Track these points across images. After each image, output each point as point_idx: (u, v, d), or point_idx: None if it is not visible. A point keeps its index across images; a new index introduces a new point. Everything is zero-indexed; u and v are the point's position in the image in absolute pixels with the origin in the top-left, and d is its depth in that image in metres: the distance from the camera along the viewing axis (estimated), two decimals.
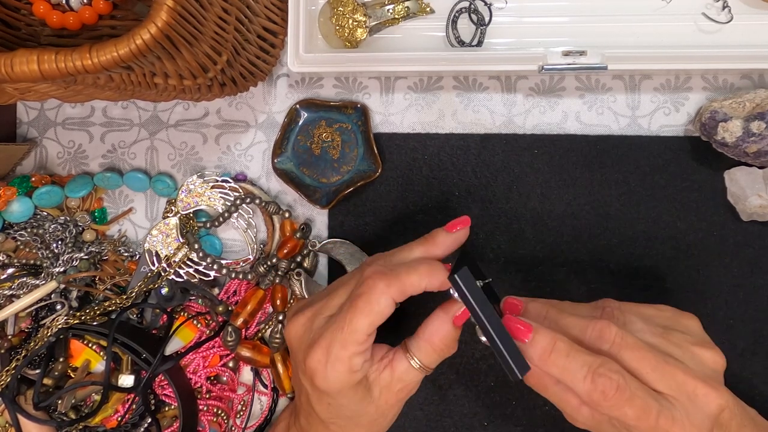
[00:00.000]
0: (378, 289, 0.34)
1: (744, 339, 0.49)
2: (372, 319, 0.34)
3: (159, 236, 0.51)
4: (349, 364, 0.34)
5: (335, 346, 0.34)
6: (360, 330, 0.34)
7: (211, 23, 0.40)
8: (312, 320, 0.37)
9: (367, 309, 0.34)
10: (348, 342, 0.34)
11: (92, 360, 0.50)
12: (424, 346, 0.36)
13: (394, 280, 0.34)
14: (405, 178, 0.52)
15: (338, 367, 0.34)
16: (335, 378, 0.34)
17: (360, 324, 0.34)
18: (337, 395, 0.35)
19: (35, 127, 0.56)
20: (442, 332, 0.36)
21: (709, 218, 0.49)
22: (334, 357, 0.34)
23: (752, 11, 0.48)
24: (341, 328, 0.34)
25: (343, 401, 0.36)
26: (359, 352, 0.34)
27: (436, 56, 0.48)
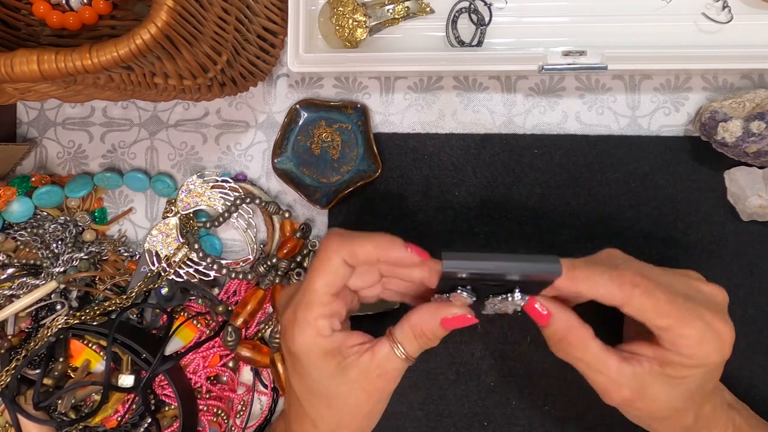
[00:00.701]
0: (331, 249, 0.35)
1: (744, 339, 0.49)
2: (327, 279, 0.35)
3: (159, 236, 0.51)
4: (316, 326, 0.35)
5: (300, 307, 0.35)
6: (318, 289, 0.35)
7: (211, 23, 0.40)
8: (294, 287, 0.38)
9: (321, 268, 0.35)
10: (311, 303, 0.35)
11: (92, 360, 0.50)
12: (407, 332, 0.36)
13: (348, 242, 0.35)
14: (405, 178, 0.52)
15: (304, 326, 0.35)
16: (302, 339, 0.35)
17: (317, 283, 0.35)
18: (306, 361, 0.35)
19: (35, 127, 0.56)
20: (430, 324, 0.36)
21: (709, 218, 0.49)
22: (301, 318, 0.35)
23: (752, 11, 0.48)
24: (304, 290, 0.35)
25: (312, 370, 0.36)
26: (324, 315, 0.35)
27: (436, 56, 0.48)
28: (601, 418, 0.50)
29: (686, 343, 0.33)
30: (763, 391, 0.48)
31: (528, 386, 0.50)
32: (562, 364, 0.50)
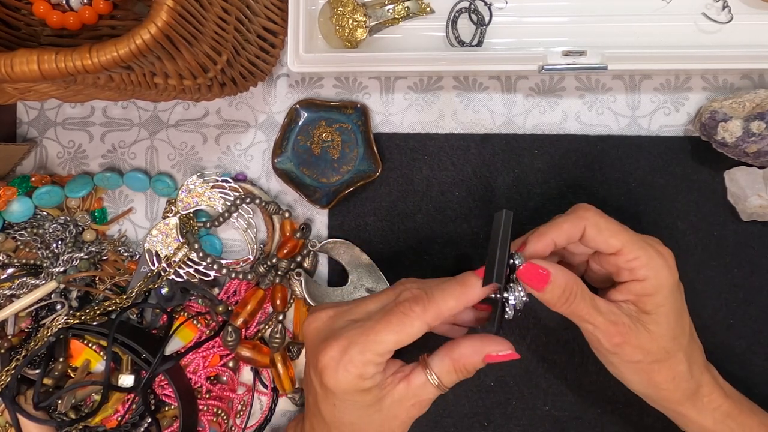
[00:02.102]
0: (415, 313, 0.34)
1: (744, 339, 0.49)
2: (401, 338, 0.34)
3: (159, 236, 0.51)
4: (362, 370, 0.34)
5: (354, 348, 0.34)
6: (385, 342, 0.34)
7: (211, 23, 0.40)
8: (334, 319, 0.37)
9: (398, 327, 0.34)
10: (368, 349, 0.34)
11: (92, 360, 0.50)
12: (448, 365, 0.36)
13: (432, 303, 0.35)
14: (405, 178, 0.52)
15: (350, 368, 0.34)
16: (344, 379, 0.34)
17: (387, 338, 0.34)
18: (343, 396, 0.35)
19: (35, 127, 0.56)
20: (472, 360, 0.36)
21: (709, 218, 0.49)
22: (349, 358, 0.34)
23: (752, 11, 0.48)
24: (365, 334, 0.34)
25: (348, 404, 0.36)
26: (375, 363, 0.35)
27: (436, 56, 0.48)
28: (600, 418, 0.50)
29: (638, 263, 0.37)
30: (763, 391, 0.48)
31: (528, 386, 0.50)
32: (562, 364, 0.50)
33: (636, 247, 0.37)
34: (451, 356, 0.36)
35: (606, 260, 0.39)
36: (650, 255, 0.37)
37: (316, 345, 0.36)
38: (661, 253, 0.38)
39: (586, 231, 0.38)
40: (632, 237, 0.38)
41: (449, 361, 0.36)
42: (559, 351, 0.50)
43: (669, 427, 0.43)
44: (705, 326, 0.49)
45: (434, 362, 0.37)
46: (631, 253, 0.37)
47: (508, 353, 0.36)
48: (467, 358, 0.36)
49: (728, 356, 0.45)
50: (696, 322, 0.43)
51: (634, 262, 0.37)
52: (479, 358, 0.36)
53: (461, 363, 0.36)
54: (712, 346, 0.43)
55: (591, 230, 0.38)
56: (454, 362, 0.36)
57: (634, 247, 0.37)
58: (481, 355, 0.36)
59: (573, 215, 0.38)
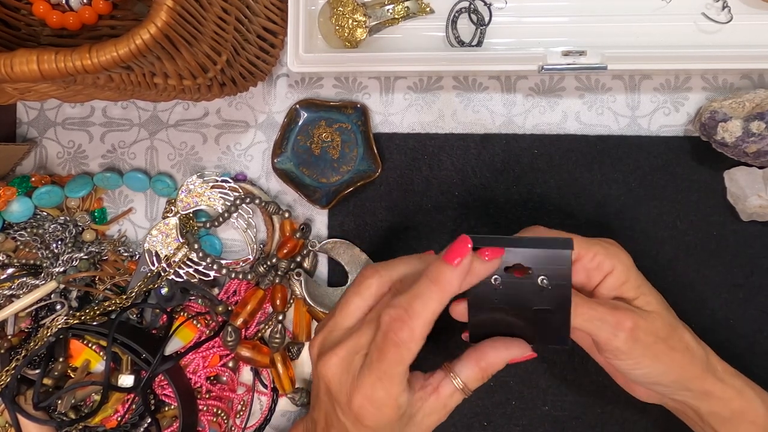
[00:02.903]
0: (403, 341, 0.34)
1: (744, 339, 0.49)
2: (405, 365, 0.35)
3: (159, 236, 0.51)
4: (396, 402, 0.35)
5: (378, 392, 0.34)
6: (397, 375, 0.34)
7: (211, 23, 0.40)
8: (347, 360, 0.36)
9: (398, 359, 0.34)
10: (389, 387, 0.34)
11: (92, 360, 0.50)
12: (474, 372, 0.37)
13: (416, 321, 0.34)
14: (405, 178, 0.52)
15: (385, 408, 0.35)
16: (384, 416, 0.35)
17: (395, 371, 0.34)
18: (384, 429, 0.36)
19: (35, 127, 0.56)
20: (497, 365, 0.37)
21: (709, 218, 0.49)
22: (379, 399, 0.35)
23: (752, 11, 0.48)
24: (380, 378, 0.34)
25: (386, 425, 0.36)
26: (402, 390, 0.35)
27: (436, 56, 0.48)
28: (600, 418, 0.50)
29: (600, 257, 0.39)
30: None
31: (528, 386, 0.50)
32: (561, 364, 0.50)
33: (590, 245, 0.39)
34: (479, 365, 0.37)
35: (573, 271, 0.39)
36: (604, 246, 0.39)
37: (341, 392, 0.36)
38: (607, 241, 0.40)
39: None
40: (581, 239, 0.39)
41: (478, 369, 0.37)
42: (559, 351, 0.50)
43: (669, 427, 0.43)
44: (705, 326, 0.49)
45: (461, 371, 0.37)
46: (589, 251, 0.39)
47: (530, 354, 0.38)
48: (495, 365, 0.37)
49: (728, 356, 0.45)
50: (696, 322, 0.43)
51: (596, 258, 0.39)
52: (504, 361, 0.37)
53: (488, 369, 0.37)
54: (712, 346, 0.43)
55: None
56: (482, 370, 0.37)
57: (588, 245, 0.39)
58: (506, 360, 0.37)
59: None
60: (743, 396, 0.40)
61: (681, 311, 0.42)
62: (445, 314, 0.41)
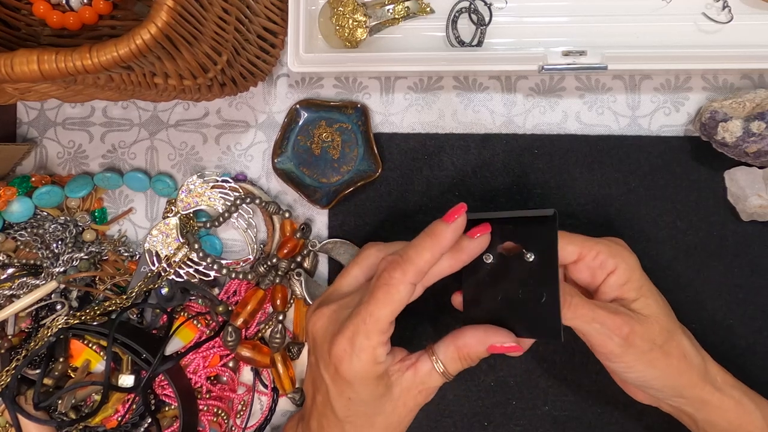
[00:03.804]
0: (396, 279, 0.35)
1: (744, 339, 0.49)
2: (393, 308, 0.35)
3: (159, 236, 0.51)
4: (374, 354, 0.35)
5: (359, 336, 0.35)
6: (382, 319, 0.35)
7: (211, 23, 0.40)
8: (337, 312, 0.38)
9: (387, 299, 0.35)
10: (371, 332, 0.35)
11: (92, 360, 0.50)
12: (453, 353, 0.37)
13: (407, 261, 0.35)
14: (405, 178, 0.52)
15: (363, 356, 0.35)
16: (360, 367, 0.35)
17: (381, 313, 0.35)
18: (359, 386, 0.36)
19: (35, 127, 0.56)
20: (475, 349, 0.37)
21: (709, 218, 0.49)
22: (359, 347, 0.35)
23: (752, 11, 0.48)
24: (362, 317, 0.35)
25: (364, 394, 0.36)
26: (382, 342, 0.36)
27: (436, 56, 0.48)
28: (600, 418, 0.50)
29: (604, 256, 0.39)
30: (762, 392, 0.48)
31: (528, 386, 0.50)
32: (561, 364, 0.50)
33: (593, 244, 0.39)
34: (455, 344, 0.37)
35: (576, 270, 0.40)
36: (607, 245, 0.39)
37: (324, 341, 0.37)
38: (613, 240, 0.40)
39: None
40: (585, 238, 0.39)
41: (454, 348, 0.37)
42: (559, 351, 0.50)
43: (669, 428, 0.43)
44: (705, 326, 0.49)
45: (440, 350, 0.37)
46: (592, 250, 0.39)
47: (511, 345, 0.37)
48: (471, 347, 0.37)
49: (728, 356, 0.45)
50: (696, 322, 0.43)
51: (599, 257, 0.39)
52: (483, 348, 0.37)
53: (465, 351, 0.37)
54: (712, 346, 0.43)
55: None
56: (459, 350, 0.37)
57: (591, 244, 0.39)
58: (485, 345, 0.37)
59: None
60: (742, 407, 0.40)
61: (681, 311, 0.42)
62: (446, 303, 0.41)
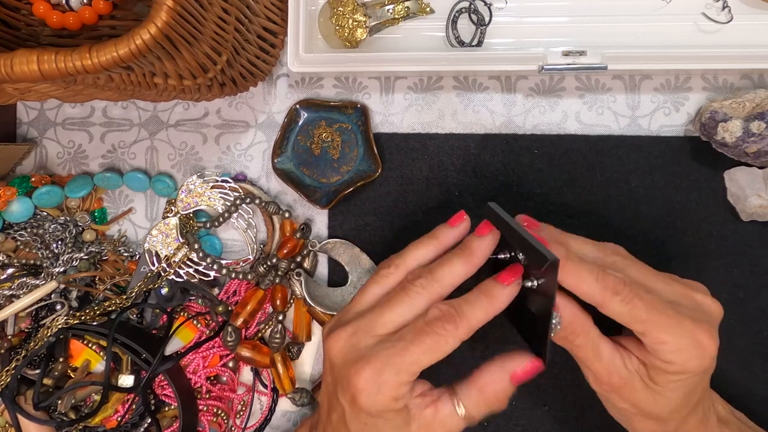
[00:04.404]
0: (448, 332, 0.33)
1: (744, 339, 0.49)
2: (435, 357, 0.33)
3: (159, 236, 0.51)
4: (397, 392, 0.33)
5: (388, 370, 0.33)
6: (420, 363, 0.33)
7: (211, 23, 0.40)
8: (357, 336, 0.36)
9: (434, 347, 0.33)
10: (403, 370, 0.33)
11: (92, 360, 0.50)
12: (475, 396, 0.35)
13: (462, 321, 0.34)
14: (405, 178, 0.52)
15: (385, 391, 0.33)
16: (380, 401, 0.34)
17: (423, 359, 0.33)
18: (376, 416, 0.34)
19: (35, 127, 0.56)
20: (498, 386, 0.35)
21: (709, 218, 0.49)
22: (384, 380, 0.33)
23: (752, 11, 0.48)
24: (400, 355, 0.33)
25: (380, 424, 0.35)
26: (408, 382, 0.34)
27: (436, 56, 0.48)
28: (600, 418, 0.50)
29: (665, 348, 0.33)
30: (762, 392, 0.48)
31: (528, 386, 0.50)
32: (562, 365, 0.50)
33: (665, 333, 0.33)
34: (476, 386, 0.35)
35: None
36: (680, 342, 0.33)
37: (345, 367, 0.35)
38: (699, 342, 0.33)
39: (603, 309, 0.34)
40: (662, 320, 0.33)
41: (476, 392, 0.35)
42: (559, 351, 0.50)
43: None
44: None
45: (462, 392, 0.35)
46: (658, 338, 0.33)
47: (532, 364, 0.35)
48: (493, 385, 0.35)
49: (728, 356, 0.45)
50: None
51: (660, 346, 0.33)
52: (505, 381, 0.35)
53: (488, 392, 0.35)
54: None
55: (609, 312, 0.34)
56: (481, 392, 0.35)
57: (661, 333, 0.33)
58: (506, 377, 0.35)
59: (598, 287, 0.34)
60: None
61: None
62: None
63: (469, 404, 0.35)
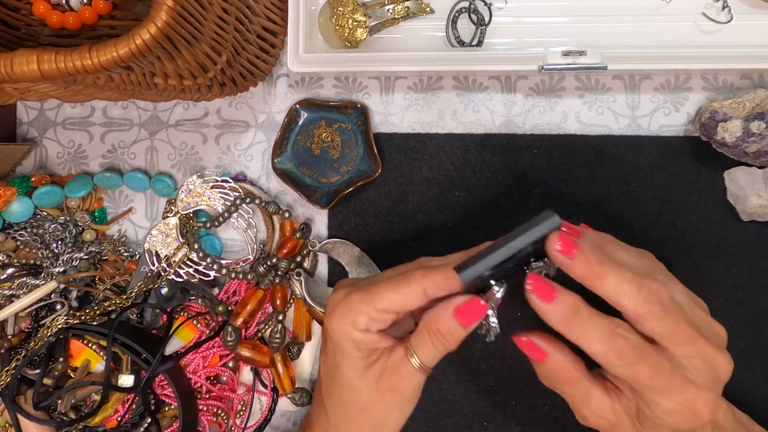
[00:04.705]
0: (415, 278, 0.34)
1: (744, 339, 0.49)
2: (397, 297, 0.34)
3: (159, 236, 0.51)
4: (355, 317, 0.35)
5: (355, 295, 0.36)
6: (382, 297, 0.35)
7: (211, 23, 0.40)
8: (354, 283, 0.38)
9: (397, 287, 0.34)
10: (366, 300, 0.35)
11: (92, 360, 0.51)
12: (423, 340, 0.35)
13: (431, 272, 0.34)
14: (405, 178, 0.52)
15: (346, 311, 0.35)
16: (338, 321, 0.35)
17: (386, 294, 0.35)
18: (335, 343, 0.36)
19: (35, 127, 0.56)
20: (443, 324, 0.34)
21: (709, 218, 0.49)
22: (347, 302, 0.35)
23: (752, 11, 0.48)
24: (368, 288, 0.35)
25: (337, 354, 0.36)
26: (369, 315, 0.35)
27: (436, 56, 0.48)
28: None
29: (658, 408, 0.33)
30: (762, 391, 0.48)
31: (528, 386, 0.50)
32: None
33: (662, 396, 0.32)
34: (425, 329, 0.35)
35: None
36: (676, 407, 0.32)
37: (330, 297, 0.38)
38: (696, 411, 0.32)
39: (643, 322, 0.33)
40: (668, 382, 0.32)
41: (425, 336, 0.35)
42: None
43: None
44: None
45: (413, 341, 0.36)
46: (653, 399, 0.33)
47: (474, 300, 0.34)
48: (439, 319, 0.34)
49: None
50: None
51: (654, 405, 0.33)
52: (449, 317, 0.34)
53: (434, 326, 0.35)
54: None
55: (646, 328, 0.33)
56: (427, 326, 0.35)
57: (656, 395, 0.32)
58: (449, 310, 0.34)
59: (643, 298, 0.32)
60: None
61: None
62: None
63: (420, 351, 0.36)
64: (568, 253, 0.33)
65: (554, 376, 0.35)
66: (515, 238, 0.33)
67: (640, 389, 0.33)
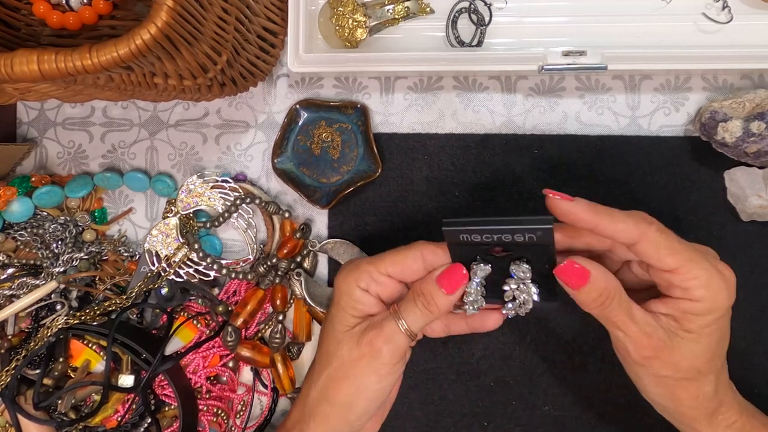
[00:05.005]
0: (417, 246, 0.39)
1: (744, 339, 0.49)
2: (398, 259, 0.39)
3: (159, 236, 0.51)
4: (359, 275, 0.39)
5: (364, 260, 0.40)
6: (385, 259, 0.39)
7: (211, 23, 0.40)
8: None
9: (401, 251, 0.39)
10: (372, 262, 0.39)
11: (92, 360, 0.51)
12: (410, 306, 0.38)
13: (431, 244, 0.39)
14: (405, 178, 0.52)
15: (353, 271, 0.39)
16: (344, 278, 0.40)
17: (389, 257, 0.39)
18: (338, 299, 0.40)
19: (35, 127, 0.56)
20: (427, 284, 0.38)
21: (709, 218, 0.49)
22: (356, 265, 0.40)
23: (752, 11, 0.48)
24: (376, 256, 0.40)
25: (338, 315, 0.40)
26: (371, 276, 0.39)
27: (436, 56, 0.48)
28: (600, 418, 0.50)
29: (696, 284, 0.34)
30: (763, 391, 0.48)
31: (528, 386, 0.50)
32: (561, 364, 0.50)
33: (696, 266, 0.34)
34: (411, 296, 0.38)
35: (657, 274, 0.36)
36: (711, 276, 0.34)
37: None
38: (724, 274, 0.35)
39: (640, 245, 0.35)
40: (692, 255, 0.35)
41: (411, 303, 0.38)
42: (559, 351, 0.50)
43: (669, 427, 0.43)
44: None
45: (401, 308, 0.39)
46: (689, 272, 0.34)
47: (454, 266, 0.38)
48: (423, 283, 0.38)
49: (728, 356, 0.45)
50: None
51: (691, 282, 0.34)
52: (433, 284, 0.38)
53: (420, 296, 0.38)
54: None
55: (646, 246, 0.35)
56: (415, 300, 0.38)
57: (693, 267, 0.34)
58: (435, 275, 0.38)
59: (632, 221, 0.35)
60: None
61: None
62: None
63: (405, 313, 0.38)
64: (569, 199, 0.36)
65: (599, 293, 0.35)
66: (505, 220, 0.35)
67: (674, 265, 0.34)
